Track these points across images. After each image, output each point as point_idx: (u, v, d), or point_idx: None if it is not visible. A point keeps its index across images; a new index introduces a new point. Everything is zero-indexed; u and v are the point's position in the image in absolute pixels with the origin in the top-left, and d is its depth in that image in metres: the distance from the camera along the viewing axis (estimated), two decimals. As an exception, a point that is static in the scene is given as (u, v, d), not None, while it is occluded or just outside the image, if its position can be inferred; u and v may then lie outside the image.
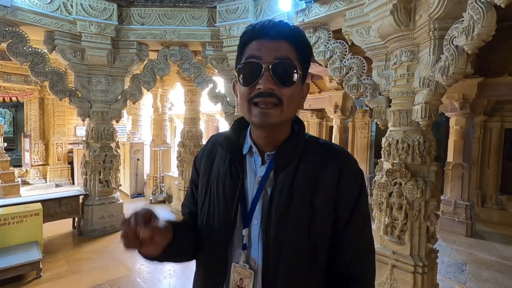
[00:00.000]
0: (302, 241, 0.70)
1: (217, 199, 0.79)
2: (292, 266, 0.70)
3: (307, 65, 0.76)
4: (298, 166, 0.74)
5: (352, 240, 0.75)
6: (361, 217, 0.76)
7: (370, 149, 7.68)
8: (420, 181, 2.44)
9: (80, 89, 4.34)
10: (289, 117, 0.75)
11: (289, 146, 0.75)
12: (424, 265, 2.44)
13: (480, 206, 5.61)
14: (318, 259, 0.73)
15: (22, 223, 3.49)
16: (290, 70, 0.69)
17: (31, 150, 8.08)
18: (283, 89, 0.69)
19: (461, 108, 4.75)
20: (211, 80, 4.53)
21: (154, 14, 4.12)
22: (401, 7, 2.26)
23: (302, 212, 0.71)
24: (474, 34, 1.73)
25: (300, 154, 0.75)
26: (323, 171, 0.73)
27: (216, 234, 0.77)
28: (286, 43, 0.70)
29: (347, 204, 0.74)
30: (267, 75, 0.67)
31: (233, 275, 0.74)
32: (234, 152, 0.80)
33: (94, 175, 4.56)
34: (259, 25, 0.72)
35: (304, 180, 0.73)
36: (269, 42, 0.69)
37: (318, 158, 0.75)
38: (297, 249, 0.71)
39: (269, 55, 0.68)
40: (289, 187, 0.72)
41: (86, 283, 3.18)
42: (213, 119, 11.88)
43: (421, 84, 2.28)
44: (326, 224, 0.73)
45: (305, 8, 3.23)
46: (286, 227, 0.70)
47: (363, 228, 0.78)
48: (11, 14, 3.45)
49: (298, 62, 0.71)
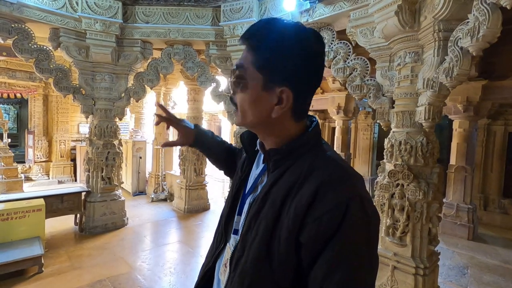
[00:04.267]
0: (261, 250, 0.66)
1: (232, 183, 0.93)
2: (248, 269, 0.67)
3: (276, 69, 0.67)
4: (283, 174, 0.69)
5: (322, 278, 0.58)
6: (339, 257, 0.58)
7: (373, 150, 7.66)
8: (423, 183, 2.44)
9: (84, 86, 4.37)
10: (254, 121, 0.72)
11: (277, 151, 0.72)
12: (425, 267, 2.43)
13: (483, 209, 5.58)
14: (275, 275, 0.64)
15: (24, 218, 3.52)
16: (238, 75, 0.71)
17: (35, 147, 8.14)
18: (238, 94, 0.73)
19: (465, 111, 4.73)
20: (214, 79, 4.54)
21: (158, 12, 4.14)
22: (406, 8, 2.25)
23: (266, 222, 0.66)
24: (479, 36, 1.72)
25: (291, 161, 0.70)
26: (301, 186, 0.64)
27: (224, 210, 0.88)
28: (246, 47, 0.71)
29: (314, 235, 0.59)
30: (231, 80, 0.74)
31: (225, 254, 0.81)
32: (248, 148, 0.88)
33: (96, 172, 4.58)
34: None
35: (279, 191, 0.67)
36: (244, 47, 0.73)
37: (304, 172, 0.65)
38: (254, 256, 0.66)
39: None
40: (265, 193, 0.69)
41: (87, 279, 3.20)
42: (216, 119, 11.90)
43: (425, 86, 2.27)
44: (287, 244, 0.63)
45: (309, 8, 3.23)
46: (252, 230, 0.69)
47: (336, 272, 0.57)
48: (17, 11, 3.48)
49: (252, 67, 0.68)
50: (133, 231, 4.74)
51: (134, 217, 5.30)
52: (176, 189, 6.23)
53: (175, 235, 4.86)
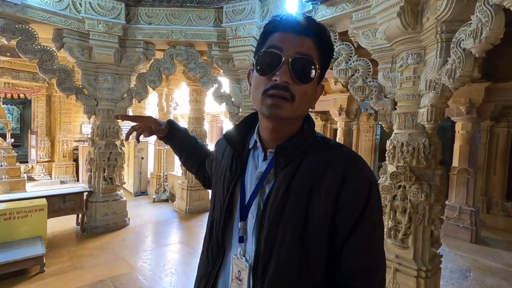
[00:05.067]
0: (293, 247, 0.67)
1: (220, 187, 0.83)
2: (281, 270, 0.67)
3: (326, 67, 0.74)
4: (299, 167, 0.70)
5: (354, 254, 0.67)
6: (366, 230, 0.68)
7: (375, 152, 7.64)
8: (425, 185, 2.42)
9: (87, 86, 4.39)
10: (299, 115, 0.73)
11: (290, 145, 0.72)
12: (427, 270, 2.41)
13: (486, 212, 5.54)
14: (311, 268, 0.68)
15: (27, 218, 3.53)
16: (309, 67, 0.68)
17: (37, 147, 8.18)
18: (298, 85, 0.67)
19: (468, 113, 4.71)
20: (216, 80, 4.55)
21: (161, 13, 4.15)
22: (408, 9, 2.25)
23: (295, 217, 0.67)
24: (482, 37, 1.72)
25: (302, 154, 0.72)
26: (324, 175, 0.68)
27: (216, 222, 0.80)
28: (310, 40, 0.68)
29: (347, 215, 0.67)
30: (285, 68, 0.66)
31: (233, 267, 0.75)
32: (237, 147, 0.82)
33: (98, 172, 4.60)
34: (286, 17, 0.71)
35: (303, 182, 0.69)
36: (294, 36, 0.68)
37: (322, 160, 0.70)
38: (287, 254, 0.67)
39: (291, 48, 0.67)
40: (285, 189, 0.69)
41: (88, 279, 3.20)
42: (217, 120, 11.91)
43: (427, 87, 2.26)
44: (321, 233, 0.67)
45: (311, 9, 3.23)
46: (278, 229, 0.68)
47: (368, 242, 0.69)
48: (21, 12, 3.51)
49: (318, 62, 0.70)
50: (135, 232, 4.74)
51: (135, 218, 5.31)
52: (178, 190, 6.24)
53: (176, 235, 4.86)
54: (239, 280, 0.73)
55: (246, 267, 0.72)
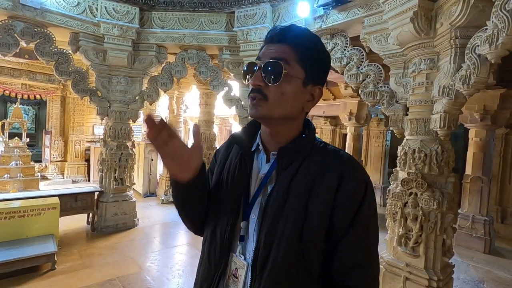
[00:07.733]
0: (292, 243, 0.70)
1: (226, 189, 0.84)
2: (280, 265, 0.70)
3: (314, 68, 0.76)
4: (300, 167, 0.75)
5: (348, 250, 0.72)
6: (360, 228, 0.73)
7: (385, 158, 7.54)
8: (437, 192, 2.38)
9: (101, 88, 4.49)
10: (283, 114, 0.75)
11: (292, 147, 0.77)
12: (439, 280, 2.35)
13: (500, 222, 5.38)
14: (308, 264, 0.71)
15: (40, 216, 3.61)
16: (277, 69, 0.72)
17: (51, 147, 8.39)
18: (269, 86, 0.73)
19: (482, 120, 4.61)
20: (226, 83, 4.59)
21: (174, 18, 4.23)
22: (422, 14, 2.23)
23: (295, 213, 0.71)
24: (498, 43, 1.69)
25: (303, 156, 0.77)
26: (323, 175, 0.73)
27: (221, 221, 0.82)
28: (286, 46, 0.74)
29: (344, 213, 0.71)
30: (258, 73, 0.74)
31: (231, 265, 0.78)
32: (245, 148, 0.85)
33: (109, 172, 4.68)
34: (271, 31, 0.78)
35: (303, 181, 0.74)
36: (272, 45, 0.76)
37: (321, 162, 0.75)
38: (286, 249, 0.70)
39: (267, 56, 0.74)
40: (286, 186, 0.74)
41: (97, 277, 3.25)
42: (227, 123, 11.98)
43: (440, 93, 2.23)
44: (319, 230, 0.71)
45: (323, 14, 3.24)
46: (279, 225, 0.72)
47: (362, 240, 0.73)
48: (40, 16, 3.63)
49: (297, 64, 0.73)
50: (143, 232, 4.79)
51: (144, 218, 5.37)
52: (186, 192, 6.26)
53: (184, 237, 4.89)
54: (235, 277, 0.76)
55: (244, 266, 0.75)
